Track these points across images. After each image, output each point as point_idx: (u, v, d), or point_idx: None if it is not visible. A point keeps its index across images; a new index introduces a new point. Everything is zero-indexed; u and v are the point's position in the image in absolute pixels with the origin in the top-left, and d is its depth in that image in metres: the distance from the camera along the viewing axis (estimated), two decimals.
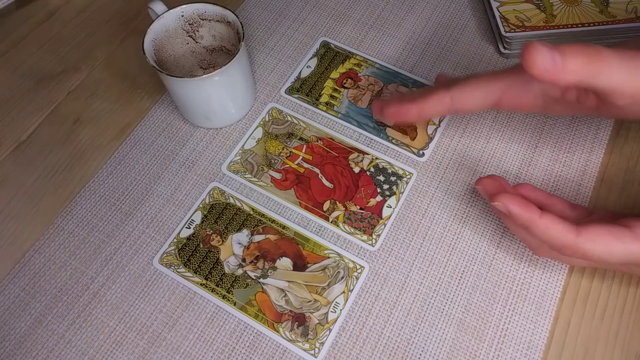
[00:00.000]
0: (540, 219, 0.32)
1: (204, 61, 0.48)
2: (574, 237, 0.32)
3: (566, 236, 0.32)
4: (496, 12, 0.49)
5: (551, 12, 0.48)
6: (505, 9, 0.49)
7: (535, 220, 0.33)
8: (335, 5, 0.54)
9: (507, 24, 0.48)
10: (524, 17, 0.48)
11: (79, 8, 0.55)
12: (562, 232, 0.32)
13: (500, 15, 0.48)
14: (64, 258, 0.41)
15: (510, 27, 0.47)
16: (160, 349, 0.37)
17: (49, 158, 0.46)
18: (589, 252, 0.32)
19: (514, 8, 0.49)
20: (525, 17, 0.48)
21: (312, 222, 0.42)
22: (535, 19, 0.48)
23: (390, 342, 0.37)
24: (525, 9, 0.49)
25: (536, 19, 0.48)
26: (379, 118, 0.44)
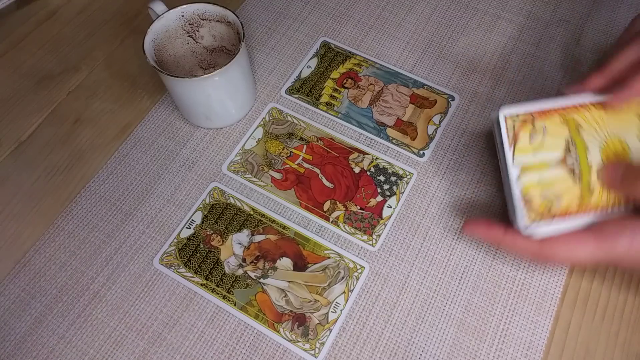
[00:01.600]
0: (504, 236, 0.36)
1: (204, 61, 0.48)
2: (538, 246, 0.35)
3: (530, 246, 0.35)
4: (515, 188, 0.36)
5: (587, 183, 0.36)
6: (527, 181, 0.36)
7: (500, 238, 0.36)
8: (335, 5, 0.54)
9: (530, 209, 0.35)
10: (551, 196, 0.36)
11: (79, 8, 0.55)
12: (525, 244, 0.35)
13: (520, 192, 0.36)
14: (64, 258, 0.41)
15: (534, 214, 0.35)
16: (160, 349, 0.37)
17: (49, 158, 0.46)
18: (555, 257, 0.35)
19: (538, 179, 0.36)
20: (553, 195, 0.36)
21: (313, 222, 0.42)
22: (566, 197, 0.36)
23: (390, 342, 0.37)
24: (554, 178, 0.36)
25: (568, 197, 0.36)
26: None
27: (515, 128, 0.37)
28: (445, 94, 0.47)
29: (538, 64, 0.49)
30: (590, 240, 0.34)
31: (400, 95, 0.48)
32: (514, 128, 0.37)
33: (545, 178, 0.36)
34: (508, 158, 0.36)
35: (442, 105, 0.47)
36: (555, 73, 0.48)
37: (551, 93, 0.47)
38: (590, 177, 0.36)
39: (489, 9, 0.53)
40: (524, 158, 0.36)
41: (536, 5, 0.52)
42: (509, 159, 0.36)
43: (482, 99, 0.47)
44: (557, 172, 0.36)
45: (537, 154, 0.36)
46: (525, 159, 0.36)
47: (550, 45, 0.50)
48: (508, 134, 0.36)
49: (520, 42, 0.50)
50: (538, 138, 0.37)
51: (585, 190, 0.36)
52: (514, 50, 0.50)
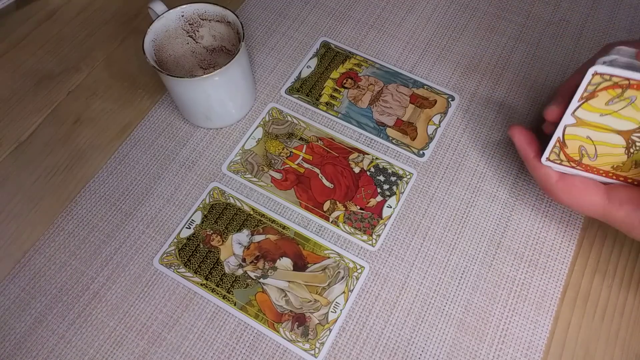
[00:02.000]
0: (533, 157, 0.37)
1: (204, 61, 0.48)
2: (554, 182, 0.37)
3: (548, 178, 0.37)
4: (558, 131, 0.35)
5: (638, 159, 0.35)
6: (575, 133, 0.35)
7: (529, 156, 0.38)
8: (335, 5, 0.54)
9: (559, 151, 0.36)
10: (589, 152, 0.36)
11: (79, 8, 0.55)
12: (545, 174, 0.37)
13: (561, 137, 0.36)
14: (64, 258, 0.41)
15: (560, 158, 0.36)
16: (160, 349, 0.37)
17: (49, 158, 0.46)
18: (561, 198, 0.37)
19: (588, 135, 0.35)
20: (592, 153, 0.36)
21: (312, 222, 0.42)
22: (605, 159, 0.36)
23: (390, 342, 0.37)
24: (606, 141, 0.35)
25: (606, 159, 0.36)
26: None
27: (599, 87, 0.34)
28: (445, 94, 0.47)
29: (538, 64, 0.49)
30: (599, 195, 0.35)
31: (400, 95, 0.48)
32: (597, 86, 0.34)
33: (595, 137, 0.35)
34: (570, 107, 0.35)
35: (442, 105, 0.47)
36: (555, 73, 0.48)
37: (551, 94, 0.47)
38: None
39: (489, 9, 0.53)
40: (587, 114, 0.35)
41: (536, 5, 0.52)
42: (570, 108, 0.35)
43: (482, 99, 0.47)
44: (613, 138, 0.35)
45: (605, 116, 0.35)
46: (588, 116, 0.35)
47: (550, 45, 0.50)
48: (587, 88, 0.34)
49: (520, 42, 0.50)
50: (619, 105, 0.34)
51: (630, 162, 0.35)
52: (514, 50, 0.50)
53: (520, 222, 0.41)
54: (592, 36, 0.50)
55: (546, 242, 0.40)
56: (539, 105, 0.47)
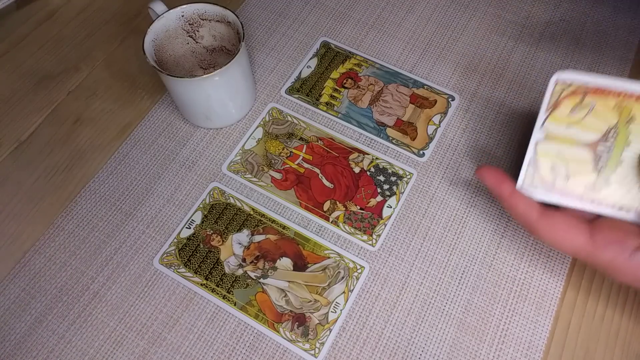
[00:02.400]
0: (508, 196, 0.36)
1: (204, 61, 0.48)
2: (534, 220, 0.35)
3: (528, 217, 0.35)
4: (530, 149, 0.36)
5: (607, 176, 0.34)
6: (546, 150, 0.35)
7: (504, 196, 0.36)
8: (335, 5, 0.54)
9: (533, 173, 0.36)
10: (561, 173, 0.35)
11: (79, 8, 0.55)
12: (524, 212, 0.35)
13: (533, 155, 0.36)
14: (64, 258, 0.41)
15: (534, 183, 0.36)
16: (160, 349, 0.37)
17: (49, 158, 0.46)
18: (543, 237, 0.35)
19: (558, 150, 0.35)
20: (564, 173, 0.35)
21: (312, 222, 0.42)
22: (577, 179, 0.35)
23: (390, 342, 0.37)
24: (575, 158, 0.35)
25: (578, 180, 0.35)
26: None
27: (561, 96, 0.35)
28: (445, 94, 0.47)
29: (538, 64, 0.49)
30: (583, 236, 0.34)
31: (400, 95, 0.48)
32: (559, 95, 0.35)
33: (565, 153, 0.35)
34: (538, 120, 0.35)
35: (442, 105, 0.47)
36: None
37: None
38: (615, 171, 0.34)
39: (489, 9, 0.53)
40: (555, 127, 0.35)
41: (536, 5, 0.52)
42: (538, 121, 0.35)
43: (482, 99, 0.47)
44: (581, 153, 0.35)
45: (571, 127, 0.35)
46: (555, 129, 0.35)
47: (550, 45, 0.50)
48: (550, 99, 0.35)
49: (520, 42, 0.50)
50: (580, 114, 0.34)
51: (601, 181, 0.34)
52: (514, 50, 0.50)
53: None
54: (592, 36, 0.50)
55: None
56: (539, 106, 0.47)
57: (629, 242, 0.32)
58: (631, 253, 0.32)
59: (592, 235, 0.33)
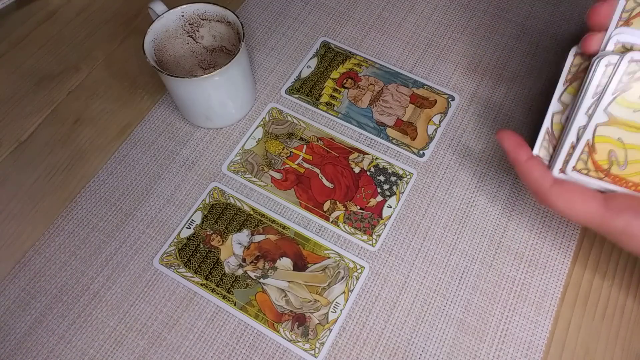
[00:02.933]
0: (524, 161, 0.35)
1: (204, 61, 0.48)
2: (547, 187, 0.34)
3: (540, 184, 0.34)
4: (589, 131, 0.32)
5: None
6: (606, 133, 0.32)
7: (520, 161, 0.35)
8: (335, 5, 0.54)
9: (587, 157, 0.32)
10: (619, 159, 0.32)
11: (79, 8, 0.55)
12: (538, 179, 0.34)
13: (591, 139, 0.32)
14: (64, 258, 0.41)
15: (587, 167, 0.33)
16: (160, 349, 0.37)
17: (49, 158, 0.46)
18: (553, 204, 0.34)
19: (619, 136, 0.32)
20: (622, 159, 0.32)
21: (312, 222, 0.42)
22: (634, 167, 0.32)
23: (390, 342, 0.37)
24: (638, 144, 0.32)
25: (636, 168, 0.32)
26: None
27: (634, 77, 0.30)
28: (445, 94, 0.48)
29: (538, 64, 0.49)
30: (596, 202, 0.33)
31: (400, 95, 0.48)
32: (632, 76, 0.30)
33: (627, 139, 0.31)
34: (603, 102, 0.31)
35: (442, 105, 0.47)
36: (555, 73, 0.48)
37: (551, 94, 0.47)
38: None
39: (489, 9, 0.53)
40: (620, 110, 0.31)
41: (536, 5, 0.52)
42: (603, 103, 0.31)
43: (482, 99, 0.47)
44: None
45: (638, 113, 0.31)
46: (621, 112, 0.31)
47: (550, 45, 0.50)
48: (622, 78, 0.30)
49: (520, 42, 0.50)
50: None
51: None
52: (514, 50, 0.50)
53: (521, 221, 0.41)
54: None
55: (546, 242, 0.40)
56: (539, 106, 0.47)
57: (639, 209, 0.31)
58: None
59: (606, 202, 0.32)
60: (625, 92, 0.31)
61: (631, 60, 0.30)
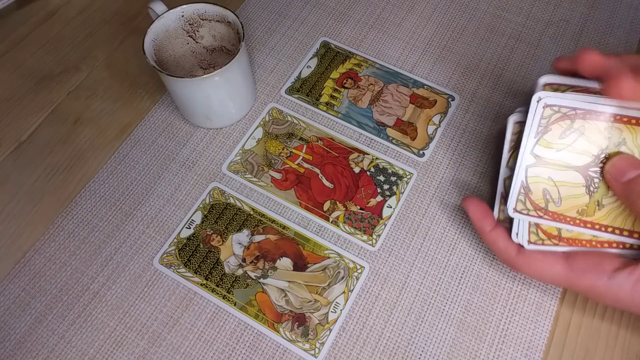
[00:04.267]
0: (489, 232, 0.36)
1: (204, 61, 0.48)
2: (513, 256, 0.36)
3: (507, 253, 0.36)
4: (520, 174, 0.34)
5: (599, 199, 0.34)
6: (537, 174, 0.34)
7: (485, 231, 0.37)
8: (335, 5, 0.54)
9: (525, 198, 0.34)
10: (553, 196, 0.34)
11: (79, 8, 0.55)
12: (503, 249, 0.36)
13: (524, 180, 0.34)
14: (64, 258, 0.41)
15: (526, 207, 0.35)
16: (160, 349, 0.37)
17: (49, 158, 0.46)
18: (521, 271, 0.36)
19: (550, 176, 0.34)
20: (556, 196, 0.34)
21: (312, 222, 0.42)
22: (569, 202, 0.34)
23: (390, 342, 0.37)
24: (567, 181, 0.34)
25: (571, 203, 0.34)
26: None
27: (551, 120, 0.33)
28: (445, 94, 0.48)
29: (538, 64, 0.49)
30: (560, 265, 0.34)
31: (400, 95, 0.48)
32: (549, 119, 0.33)
33: (557, 177, 0.34)
34: (527, 146, 0.34)
35: (442, 105, 0.47)
36: None
37: None
38: (608, 193, 0.34)
39: (489, 9, 0.53)
40: (545, 152, 0.34)
41: (536, 5, 0.52)
42: (528, 147, 0.34)
43: (482, 99, 0.47)
44: (573, 176, 0.34)
45: (561, 151, 0.34)
46: (546, 153, 0.34)
47: (550, 45, 0.50)
48: (540, 122, 0.33)
49: (520, 42, 0.50)
50: (571, 138, 0.33)
51: (593, 204, 0.34)
52: (514, 50, 0.50)
53: None
54: (592, 36, 0.50)
55: None
56: None
57: (605, 266, 0.33)
58: (609, 277, 0.33)
59: (569, 263, 0.34)
60: (545, 135, 0.33)
61: (545, 106, 0.33)
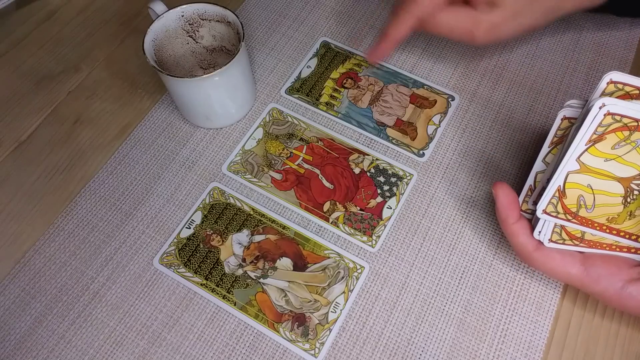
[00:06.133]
0: (512, 223, 0.36)
1: (204, 61, 0.48)
2: (531, 251, 0.35)
3: (525, 247, 0.36)
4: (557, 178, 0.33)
5: (633, 210, 0.33)
6: (576, 180, 0.33)
7: (508, 222, 0.36)
8: (335, 5, 0.54)
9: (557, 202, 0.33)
10: (587, 203, 0.33)
11: (79, 8, 0.55)
12: (523, 243, 0.36)
13: (562, 185, 0.33)
14: (64, 258, 0.41)
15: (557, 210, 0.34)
16: (160, 349, 0.37)
17: (49, 158, 0.46)
18: (535, 266, 0.36)
19: (589, 183, 0.33)
20: (590, 203, 0.33)
21: (312, 223, 0.42)
22: (601, 210, 0.33)
23: (390, 342, 0.37)
24: (606, 190, 0.33)
25: (603, 210, 0.33)
26: (371, 59, 0.46)
27: (609, 128, 0.31)
28: (445, 94, 0.48)
29: (538, 64, 0.49)
30: (575, 268, 0.35)
31: (400, 95, 0.48)
32: (607, 127, 0.31)
33: (596, 185, 0.33)
34: (576, 151, 0.32)
35: (442, 105, 0.47)
36: (555, 73, 0.48)
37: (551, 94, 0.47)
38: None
39: None
40: (592, 160, 0.32)
41: None
42: (576, 152, 0.32)
43: (482, 99, 0.47)
44: (613, 186, 0.33)
45: (609, 162, 0.32)
46: (592, 161, 0.32)
47: (550, 45, 0.50)
48: (597, 130, 0.31)
49: (520, 42, 0.50)
50: (624, 149, 0.32)
51: (625, 214, 0.33)
52: (514, 50, 0.50)
53: None
54: (592, 36, 0.50)
55: None
56: (539, 107, 0.47)
57: (620, 275, 0.34)
58: (622, 286, 0.33)
59: (585, 267, 0.35)
60: (598, 143, 0.32)
61: (607, 114, 0.31)
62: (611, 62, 0.48)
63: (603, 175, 0.33)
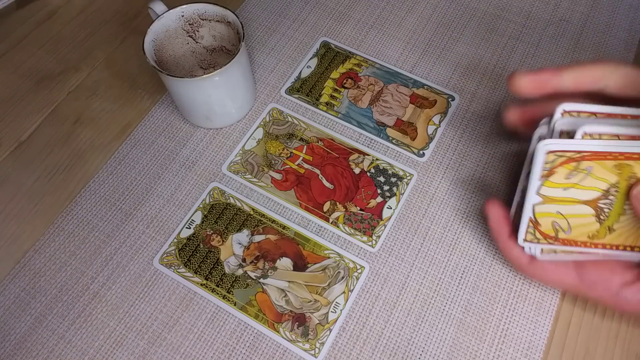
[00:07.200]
0: (504, 240, 0.37)
1: (204, 61, 0.48)
2: (525, 264, 0.36)
3: (519, 261, 0.36)
4: (526, 210, 0.34)
5: (610, 225, 0.34)
6: (544, 210, 0.34)
7: (501, 239, 0.37)
8: (335, 5, 0.54)
9: (534, 230, 0.35)
10: (562, 226, 0.34)
11: (79, 8, 0.55)
12: (517, 257, 0.36)
13: (532, 216, 0.34)
14: (64, 258, 0.41)
15: (536, 237, 0.35)
16: (160, 349, 0.37)
17: (49, 158, 0.46)
18: (531, 277, 0.37)
19: (558, 210, 0.34)
20: (566, 226, 0.34)
21: (312, 223, 0.42)
22: (579, 230, 0.34)
23: (390, 342, 0.37)
24: (575, 213, 0.34)
25: (581, 230, 0.34)
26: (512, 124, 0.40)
27: (555, 164, 0.33)
28: (445, 94, 0.48)
29: (538, 64, 0.49)
30: (570, 276, 0.35)
31: (400, 95, 0.48)
32: (552, 164, 0.33)
33: (565, 210, 0.34)
34: (533, 187, 0.33)
35: (442, 105, 0.47)
36: None
37: None
38: (619, 219, 0.33)
39: (489, 9, 0.53)
40: (551, 191, 0.33)
41: (536, 5, 0.52)
42: (533, 187, 0.34)
43: (482, 99, 0.47)
44: (582, 209, 0.34)
45: (569, 190, 0.33)
46: (552, 192, 0.33)
47: (550, 45, 0.50)
48: (544, 167, 0.33)
49: (520, 42, 0.50)
50: (577, 177, 0.33)
51: (604, 229, 0.34)
52: (514, 50, 0.50)
53: None
54: (592, 36, 0.50)
55: None
56: None
57: (614, 280, 0.34)
58: (617, 291, 0.34)
59: (580, 274, 0.35)
60: (551, 177, 0.33)
61: (548, 152, 0.32)
62: None
63: (567, 201, 0.34)
